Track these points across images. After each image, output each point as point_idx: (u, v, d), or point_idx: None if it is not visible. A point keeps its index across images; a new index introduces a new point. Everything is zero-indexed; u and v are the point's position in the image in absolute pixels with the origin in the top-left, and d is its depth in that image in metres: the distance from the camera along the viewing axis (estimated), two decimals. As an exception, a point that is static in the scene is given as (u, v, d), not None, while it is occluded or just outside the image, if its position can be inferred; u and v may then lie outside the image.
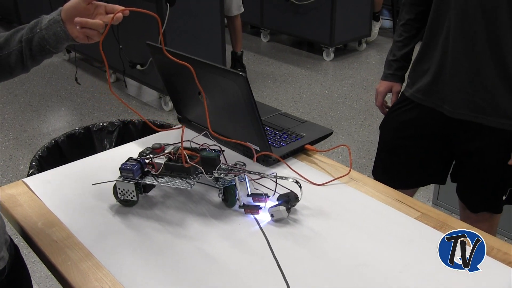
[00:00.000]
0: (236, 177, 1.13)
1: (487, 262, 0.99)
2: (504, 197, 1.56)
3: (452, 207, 2.46)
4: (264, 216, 1.12)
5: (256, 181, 1.23)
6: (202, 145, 1.20)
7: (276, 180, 1.16)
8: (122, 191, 1.14)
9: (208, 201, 1.19)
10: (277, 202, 1.11)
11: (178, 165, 1.13)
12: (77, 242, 1.06)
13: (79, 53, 4.41)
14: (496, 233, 1.73)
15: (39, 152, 1.85)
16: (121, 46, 3.66)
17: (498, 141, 1.47)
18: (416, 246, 1.05)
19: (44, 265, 1.06)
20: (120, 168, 1.14)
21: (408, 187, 1.71)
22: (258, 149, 1.33)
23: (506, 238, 2.32)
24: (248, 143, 1.34)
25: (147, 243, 1.06)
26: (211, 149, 1.19)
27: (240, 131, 1.36)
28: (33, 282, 2.18)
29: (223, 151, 1.22)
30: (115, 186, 1.15)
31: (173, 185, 1.12)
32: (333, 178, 1.27)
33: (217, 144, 1.23)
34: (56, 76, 4.45)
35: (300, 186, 1.13)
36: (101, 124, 2.06)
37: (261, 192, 1.15)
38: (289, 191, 1.14)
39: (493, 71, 1.40)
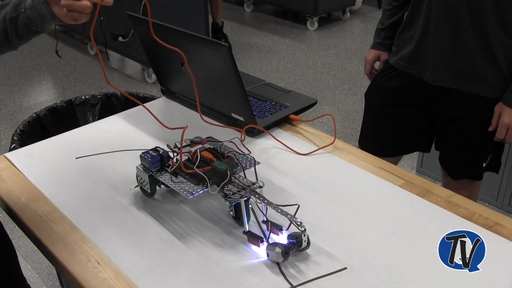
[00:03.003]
0: (243, 199, 0.97)
1: (469, 229, 1.01)
2: (484, 164, 1.58)
3: (436, 174, 2.49)
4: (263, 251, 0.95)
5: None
6: (229, 151, 1.06)
7: (293, 220, 0.93)
8: (140, 179, 1.09)
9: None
10: (287, 241, 0.94)
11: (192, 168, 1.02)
12: (61, 216, 1.05)
13: (59, 26, 4.33)
14: (477, 199, 1.75)
15: (21, 126, 1.83)
16: (101, 18, 3.59)
17: (478, 108, 1.48)
18: (401, 213, 1.06)
19: (30, 240, 1.06)
20: (140, 155, 1.07)
21: (394, 154, 1.72)
22: (243, 120, 1.32)
23: (487, 204, 2.36)
24: (231, 114, 1.33)
25: (132, 218, 1.06)
26: (239, 156, 1.06)
27: (224, 102, 1.35)
28: (20, 256, 2.18)
29: (258, 163, 1.08)
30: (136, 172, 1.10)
31: (177, 189, 1.00)
32: (318, 148, 1.28)
33: (251, 155, 1.10)
34: (36, 49, 4.37)
35: (304, 234, 0.92)
36: (83, 97, 2.04)
37: (277, 224, 0.95)
38: (300, 231, 0.93)
39: (472, 37, 1.41)
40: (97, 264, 0.93)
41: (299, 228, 0.91)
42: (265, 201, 0.96)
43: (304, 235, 0.92)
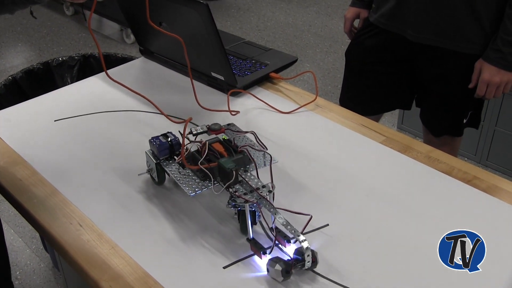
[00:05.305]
0: (247, 204, 0.85)
1: (449, 183, 1.03)
2: (465, 121, 1.59)
3: (416, 131, 2.51)
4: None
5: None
6: (244, 146, 0.97)
7: (296, 237, 0.81)
8: (149, 166, 1.01)
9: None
10: (290, 255, 0.83)
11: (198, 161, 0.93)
12: (41, 179, 1.04)
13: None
14: (458, 154, 1.78)
15: (-3, 89, 1.80)
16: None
17: (459, 65, 1.48)
18: (382, 170, 1.07)
19: (11, 204, 1.05)
20: (149, 140, 0.99)
21: (375, 112, 1.73)
22: (223, 78, 1.31)
23: (466, 159, 2.39)
24: (211, 73, 1.32)
25: (113, 182, 1.05)
26: (254, 152, 0.96)
27: (204, 61, 1.33)
28: (2, 221, 2.17)
29: (276, 161, 0.97)
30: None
31: (180, 183, 0.92)
32: (299, 106, 1.27)
33: (267, 152, 0.98)
34: (10, 10, 4.24)
35: (307, 254, 0.80)
36: (60, 59, 2.00)
37: (286, 233, 0.85)
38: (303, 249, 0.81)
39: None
40: (79, 226, 0.93)
41: (303, 246, 0.80)
42: (272, 210, 0.84)
43: (308, 255, 0.80)
